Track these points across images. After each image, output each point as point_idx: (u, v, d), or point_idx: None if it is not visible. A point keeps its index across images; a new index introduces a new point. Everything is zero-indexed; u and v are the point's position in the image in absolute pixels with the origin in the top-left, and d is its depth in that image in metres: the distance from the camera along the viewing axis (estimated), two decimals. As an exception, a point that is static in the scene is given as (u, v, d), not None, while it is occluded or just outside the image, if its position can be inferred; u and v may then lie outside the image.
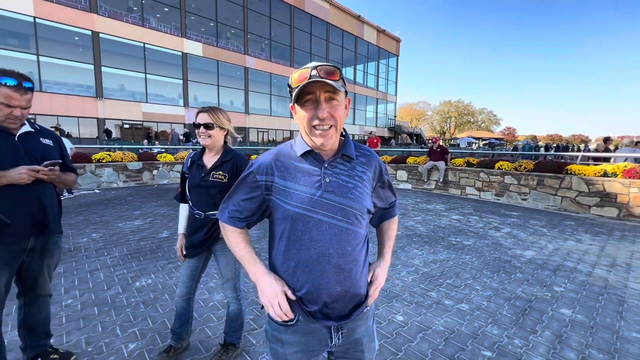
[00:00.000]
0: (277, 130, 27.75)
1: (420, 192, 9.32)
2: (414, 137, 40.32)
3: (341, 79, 0.88)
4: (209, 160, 1.82)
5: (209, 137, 1.75)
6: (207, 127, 1.74)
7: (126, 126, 19.89)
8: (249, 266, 0.95)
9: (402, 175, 10.21)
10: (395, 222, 1.16)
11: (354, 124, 33.76)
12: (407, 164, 10.10)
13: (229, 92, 24.40)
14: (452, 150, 10.81)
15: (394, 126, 39.23)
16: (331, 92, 0.87)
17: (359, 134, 34.15)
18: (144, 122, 20.19)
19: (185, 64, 21.44)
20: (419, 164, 9.79)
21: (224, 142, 1.86)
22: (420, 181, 9.66)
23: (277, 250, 0.96)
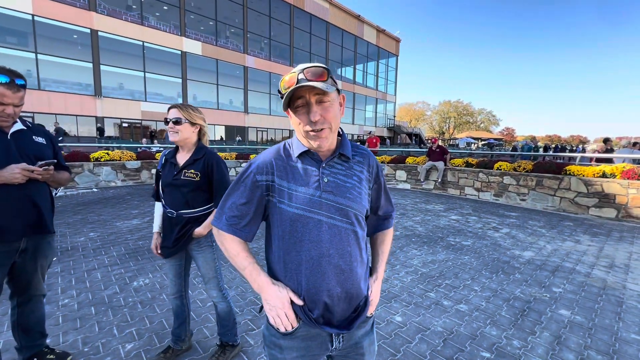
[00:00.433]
0: (276, 129, 27.73)
1: (419, 192, 9.32)
2: (413, 137, 40.36)
3: (330, 77, 0.87)
4: (182, 158, 1.79)
5: (177, 132, 1.70)
6: (176, 122, 1.70)
7: (125, 125, 19.85)
8: (254, 277, 0.91)
9: (401, 175, 10.21)
10: (390, 235, 1.13)
11: (354, 124, 33.77)
12: (406, 164, 10.09)
13: (228, 91, 24.37)
14: (451, 150, 10.82)
15: (393, 126, 39.26)
16: (321, 94, 0.85)
17: (358, 134, 34.16)
18: (142, 120, 20.15)
19: (184, 62, 21.40)
20: (418, 164, 9.79)
21: (197, 140, 1.82)
22: (419, 181, 9.66)
23: (276, 252, 0.93)
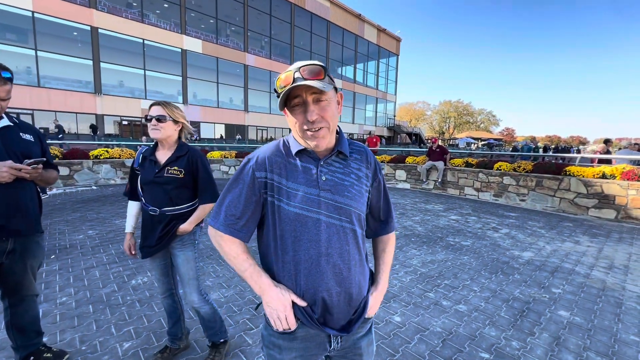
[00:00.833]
0: (276, 128, 27.71)
1: (418, 192, 9.31)
2: (413, 137, 40.35)
3: (327, 76, 0.85)
4: (163, 155, 1.75)
5: (159, 130, 1.67)
6: (160, 119, 1.67)
7: (125, 122, 19.82)
8: (255, 279, 0.89)
9: (400, 174, 10.20)
10: (392, 241, 1.09)
11: (354, 123, 33.76)
12: (406, 164, 10.09)
13: (229, 89, 24.34)
14: (451, 150, 10.81)
15: (393, 126, 39.25)
16: (317, 93, 0.84)
17: (358, 133, 34.15)
18: (142, 118, 20.11)
19: (184, 60, 21.37)
20: (417, 164, 9.78)
21: (177, 138, 1.80)
22: (419, 181, 9.65)
23: (273, 252, 0.91)
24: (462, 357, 2.05)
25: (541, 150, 18.40)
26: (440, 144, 9.66)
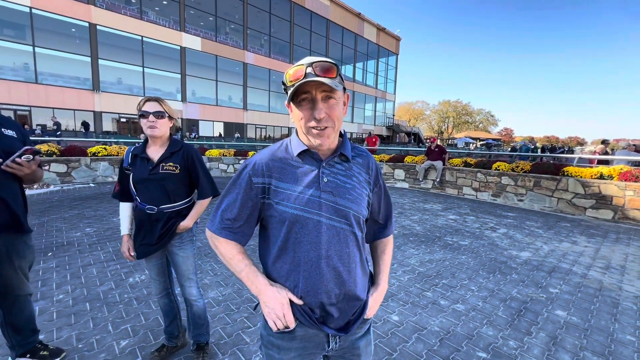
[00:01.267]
0: (275, 126, 27.66)
1: (417, 191, 9.32)
2: (412, 137, 40.39)
3: (339, 75, 0.84)
4: (155, 152, 1.70)
5: (158, 127, 1.64)
6: (159, 116, 1.63)
7: (123, 120, 19.74)
8: (251, 280, 0.89)
9: (399, 174, 10.20)
10: (390, 245, 1.10)
11: (353, 122, 33.74)
12: (405, 163, 10.09)
13: (227, 87, 24.27)
14: (450, 150, 10.81)
15: (392, 125, 39.26)
16: (328, 91, 0.82)
17: (357, 132, 34.15)
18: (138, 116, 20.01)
19: (183, 58, 21.28)
20: (416, 163, 9.79)
21: (169, 134, 1.77)
22: (417, 180, 9.66)
23: (273, 254, 0.91)
24: (459, 356, 2.05)
25: (539, 150, 18.46)
26: (439, 143, 9.67)
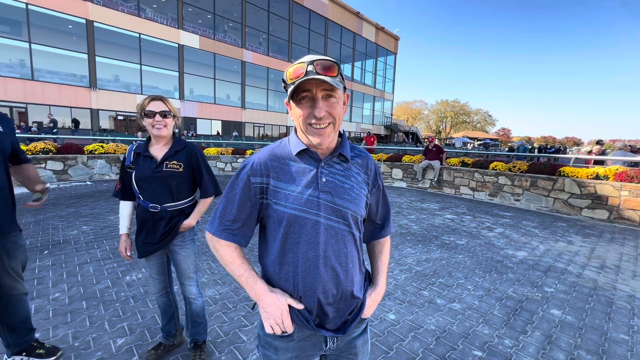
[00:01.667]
0: (273, 125, 27.61)
1: (414, 190, 9.35)
2: (410, 136, 40.45)
3: (339, 74, 0.83)
4: (159, 151, 1.70)
5: (164, 127, 1.63)
6: (165, 115, 1.63)
7: (120, 118, 19.63)
8: (250, 285, 0.89)
9: (397, 173, 10.22)
10: (388, 245, 1.10)
11: (351, 121, 33.74)
12: (403, 163, 10.11)
13: (226, 85, 24.18)
14: (448, 149, 10.84)
15: (390, 124, 39.30)
16: (328, 90, 0.82)
17: (355, 131, 34.15)
18: (137, 114, 19.90)
19: (181, 56, 21.18)
20: (414, 163, 9.81)
21: (172, 132, 1.78)
22: (415, 180, 9.69)
23: (272, 254, 0.91)
24: (455, 354, 2.07)
25: (536, 150, 18.55)
26: (437, 143, 9.69)
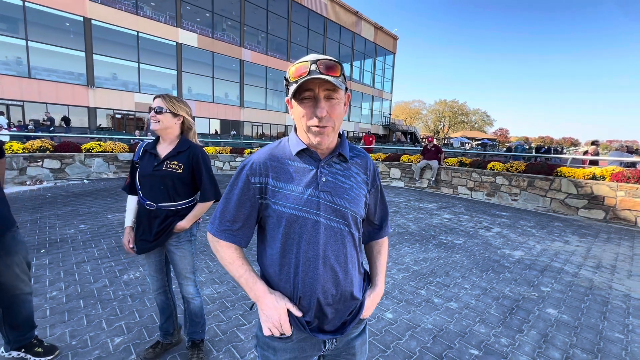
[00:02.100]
0: (271, 124, 27.57)
1: (412, 190, 9.37)
2: (408, 136, 40.52)
3: (342, 74, 0.83)
4: (163, 149, 1.75)
5: (158, 122, 1.68)
6: (158, 111, 1.68)
7: (118, 116, 19.55)
8: (250, 286, 0.89)
9: (395, 173, 10.24)
10: (385, 245, 1.10)
11: (349, 121, 33.74)
12: (401, 162, 10.13)
13: (224, 84, 24.11)
14: (446, 149, 10.86)
15: (388, 124, 39.33)
16: (331, 90, 0.81)
17: (353, 131, 34.17)
18: (136, 112, 19.85)
19: (179, 54, 21.10)
20: (412, 163, 9.83)
21: (180, 133, 1.79)
22: (413, 179, 9.71)
23: (271, 255, 0.90)
24: (452, 353, 2.08)
25: (533, 151, 18.59)
26: (435, 143, 9.71)
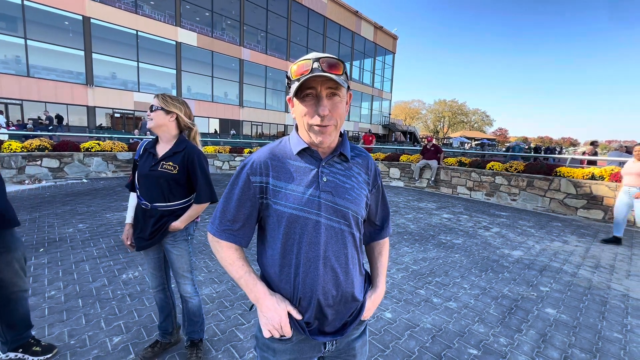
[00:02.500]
0: (271, 124, 27.55)
1: (412, 190, 9.37)
2: (408, 136, 40.54)
3: (344, 73, 0.82)
4: (161, 149, 1.75)
5: (152, 120, 1.70)
6: (151, 109, 1.70)
7: (117, 115, 19.51)
8: (250, 287, 0.88)
9: (394, 172, 10.24)
10: (387, 246, 1.09)
11: (349, 120, 33.74)
12: (400, 162, 10.13)
13: (223, 83, 24.08)
14: (445, 149, 10.87)
15: (388, 124, 39.33)
16: (333, 88, 0.81)
17: (353, 130, 34.16)
18: (135, 111, 19.82)
19: (179, 53, 21.06)
20: (412, 162, 9.83)
21: (178, 132, 1.78)
22: (412, 179, 9.71)
23: (271, 255, 0.89)
24: (451, 353, 2.08)
25: (532, 151, 18.62)
26: (434, 142, 9.71)
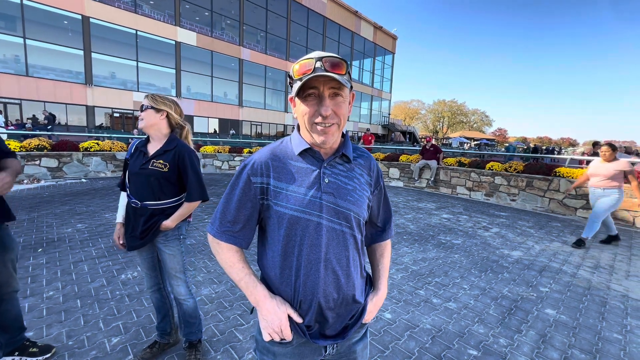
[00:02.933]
0: (270, 124, 27.54)
1: (411, 190, 9.37)
2: (407, 136, 40.56)
3: (347, 72, 0.81)
4: (152, 148, 1.75)
5: (142, 120, 1.70)
6: (141, 109, 1.71)
7: (116, 115, 19.48)
8: (250, 290, 0.87)
9: (394, 173, 10.24)
10: (388, 248, 1.08)
11: (348, 120, 33.69)
12: (400, 162, 10.13)
13: (223, 83, 24.07)
14: (445, 149, 10.87)
15: (387, 124, 39.35)
16: (336, 88, 0.80)
17: (352, 130, 34.17)
18: (134, 111, 19.79)
19: (178, 53, 21.04)
20: (411, 162, 9.83)
21: (170, 131, 1.78)
22: (412, 179, 9.71)
23: (272, 257, 0.88)
24: (450, 353, 2.08)
25: (531, 151, 18.66)
26: (433, 142, 9.71)
